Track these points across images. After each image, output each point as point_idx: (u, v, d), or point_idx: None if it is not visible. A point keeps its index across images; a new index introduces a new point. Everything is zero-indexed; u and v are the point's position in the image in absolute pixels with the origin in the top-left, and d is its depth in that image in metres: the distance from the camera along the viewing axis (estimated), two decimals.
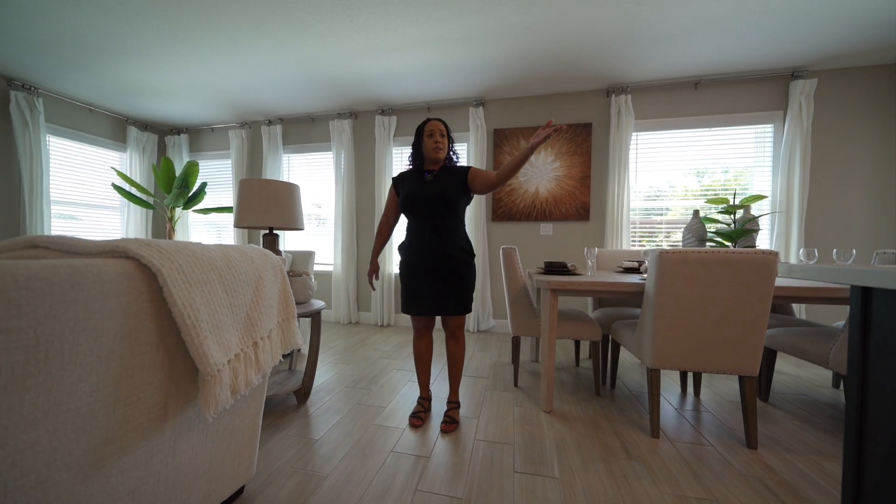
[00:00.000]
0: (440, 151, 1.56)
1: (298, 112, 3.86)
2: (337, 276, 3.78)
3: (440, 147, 1.56)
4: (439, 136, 1.57)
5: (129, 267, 0.69)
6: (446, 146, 1.59)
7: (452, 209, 1.54)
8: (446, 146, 1.59)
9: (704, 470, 1.30)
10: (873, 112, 2.75)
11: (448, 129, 1.62)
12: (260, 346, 0.92)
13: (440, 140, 1.56)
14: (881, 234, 2.76)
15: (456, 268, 1.53)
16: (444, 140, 1.58)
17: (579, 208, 3.23)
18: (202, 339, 0.75)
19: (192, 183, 3.78)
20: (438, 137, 1.57)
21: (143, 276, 0.71)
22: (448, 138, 1.61)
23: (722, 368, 1.47)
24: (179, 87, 3.34)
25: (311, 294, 1.89)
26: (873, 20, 2.28)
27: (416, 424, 1.58)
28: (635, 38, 2.49)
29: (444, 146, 1.57)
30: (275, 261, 1.02)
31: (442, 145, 1.57)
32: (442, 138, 1.57)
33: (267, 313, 0.96)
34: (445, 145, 1.58)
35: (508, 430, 1.56)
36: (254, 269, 0.93)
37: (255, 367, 0.90)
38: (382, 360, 2.56)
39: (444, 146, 1.57)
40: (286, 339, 1.02)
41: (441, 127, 1.58)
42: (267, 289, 0.97)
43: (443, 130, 1.58)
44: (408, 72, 2.98)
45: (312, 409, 1.74)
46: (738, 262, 1.38)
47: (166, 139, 4.33)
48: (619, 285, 1.60)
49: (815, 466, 1.33)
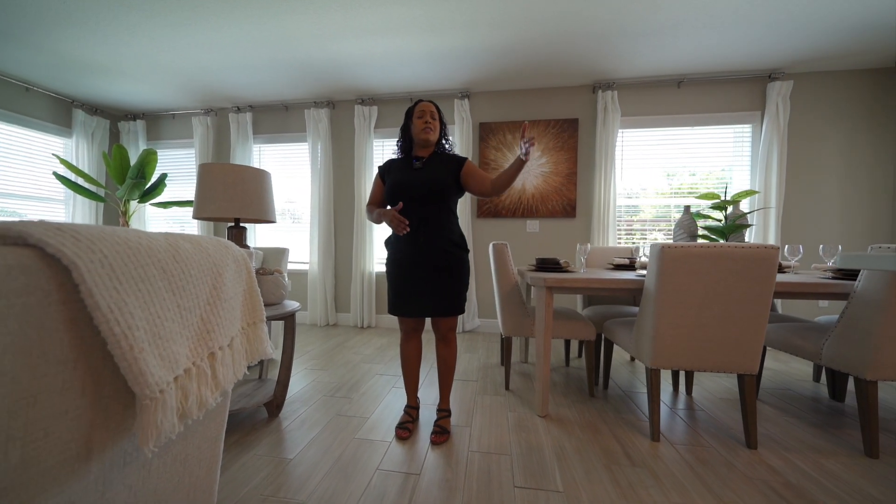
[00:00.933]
0: (430, 133, 1.43)
1: (270, 99, 3.60)
2: (313, 276, 3.56)
3: (430, 128, 1.43)
4: (430, 117, 1.43)
5: (30, 258, 0.52)
6: (438, 129, 1.46)
7: (443, 199, 1.40)
8: (438, 129, 1.46)
9: (710, 474, 1.24)
10: (844, 115, 2.86)
11: (441, 114, 1.48)
12: (218, 358, 0.76)
13: (431, 122, 1.43)
14: (850, 231, 2.88)
15: (448, 265, 1.40)
16: (434, 122, 1.44)
17: (566, 205, 3.18)
18: (137, 353, 0.58)
19: (149, 173, 3.44)
20: (429, 118, 1.43)
21: (51, 271, 0.53)
22: (440, 122, 1.48)
23: (723, 367, 1.43)
24: (133, 65, 3.01)
25: (285, 294, 1.71)
26: (846, 26, 2.35)
27: (404, 436, 1.43)
28: (625, 31, 2.45)
29: (434, 128, 1.44)
30: (238, 254, 0.85)
31: (433, 127, 1.43)
32: (433, 120, 1.44)
33: (227, 317, 0.79)
34: (437, 128, 1.45)
35: (504, 439, 1.45)
36: (210, 263, 0.76)
37: (211, 383, 0.73)
38: (363, 364, 2.40)
39: (434, 128, 1.44)
40: (252, 347, 0.86)
41: (432, 108, 1.45)
42: (227, 287, 0.80)
43: (434, 112, 1.45)
44: (390, 57, 2.81)
45: (286, 423, 1.56)
46: (741, 257, 1.34)
47: (120, 125, 3.92)
48: (618, 282, 1.53)
49: (815, 465, 1.30)
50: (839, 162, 2.87)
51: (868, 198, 2.85)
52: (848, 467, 1.29)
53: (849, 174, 2.87)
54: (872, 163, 2.84)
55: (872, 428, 1.35)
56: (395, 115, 3.49)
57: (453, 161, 1.47)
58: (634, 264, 2.10)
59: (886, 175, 2.83)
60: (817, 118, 2.89)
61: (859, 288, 1.38)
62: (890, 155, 2.82)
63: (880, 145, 2.83)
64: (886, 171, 2.83)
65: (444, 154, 1.49)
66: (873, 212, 2.85)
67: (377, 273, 3.56)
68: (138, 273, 0.64)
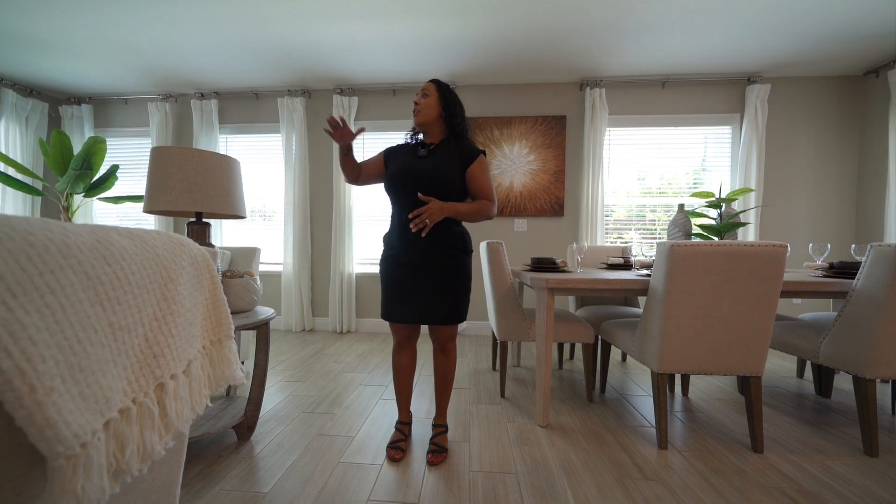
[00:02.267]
0: (417, 115, 1.27)
1: (239, 85, 3.30)
2: (288, 278, 3.30)
3: (418, 110, 1.27)
4: (420, 96, 1.28)
5: None
6: (431, 107, 1.26)
7: (446, 194, 1.25)
8: (431, 107, 1.26)
9: (724, 484, 1.18)
10: (816, 119, 2.98)
11: (445, 92, 1.28)
12: (169, 390, 0.58)
13: (419, 101, 1.27)
14: (821, 229, 3.00)
15: (449, 267, 1.25)
16: (425, 100, 1.27)
17: (553, 203, 3.13)
18: (42, 396, 0.40)
19: (96, 164, 3.05)
20: (418, 98, 1.28)
21: None
22: (443, 102, 1.28)
23: (730, 369, 1.38)
24: (78, 41, 2.64)
25: (257, 300, 1.50)
26: (818, 32, 2.43)
27: (397, 458, 1.28)
28: (614, 27, 2.41)
29: (424, 108, 1.26)
30: (197, 253, 0.67)
31: (420, 106, 1.26)
32: (423, 98, 1.27)
33: (183, 335, 0.61)
34: (431, 107, 1.26)
35: (506, 454, 1.33)
36: (159, 266, 0.59)
37: (159, 425, 0.56)
38: (345, 373, 2.21)
39: (424, 108, 1.26)
40: (217, 371, 0.68)
41: (427, 86, 1.28)
42: (183, 297, 0.62)
43: (426, 89, 1.28)
44: (373, 44, 2.63)
45: (259, 448, 1.36)
46: (750, 255, 1.29)
47: (61, 109, 3.48)
48: (622, 282, 1.45)
49: (822, 468, 1.27)
50: (810, 163, 2.99)
51: (835, 198, 2.99)
52: (853, 468, 1.27)
53: (819, 176, 2.99)
54: (839, 165, 2.98)
55: (872, 427, 1.35)
56: (377, 107, 3.30)
57: (465, 152, 1.29)
58: (630, 264, 2.05)
59: (851, 177, 2.97)
60: (792, 121, 2.99)
61: (858, 286, 1.37)
62: (854, 158, 2.97)
63: (847, 149, 2.97)
64: (851, 174, 2.97)
65: (457, 143, 1.30)
66: (839, 211, 2.99)
67: (357, 274, 3.36)
68: (46, 281, 0.45)
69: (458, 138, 1.31)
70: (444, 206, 1.21)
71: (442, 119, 1.29)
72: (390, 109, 3.29)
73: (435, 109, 1.28)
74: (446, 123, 1.30)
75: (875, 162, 2.84)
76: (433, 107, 1.27)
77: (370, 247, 3.39)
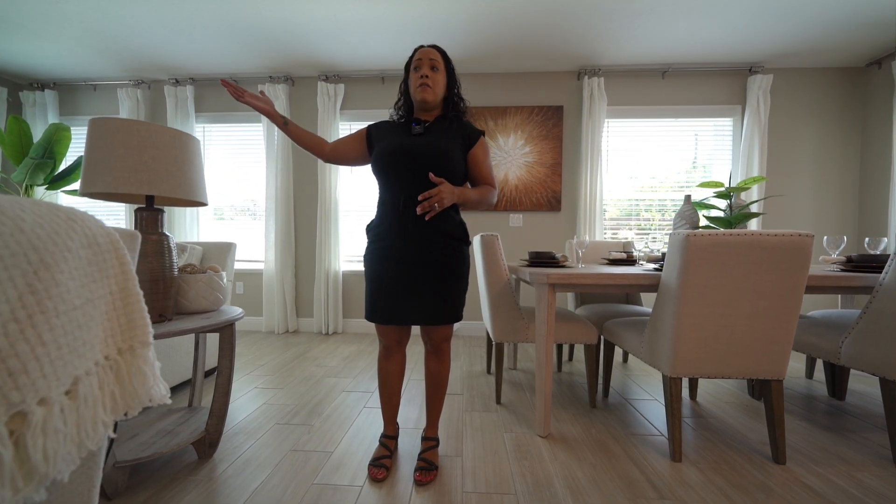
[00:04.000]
0: (427, 91, 1.08)
1: (216, 71, 3.10)
2: (269, 277, 3.11)
3: (427, 85, 1.07)
4: (429, 67, 1.08)
5: None
6: (441, 85, 1.10)
7: (450, 174, 1.07)
8: (441, 85, 1.10)
9: (749, 502, 1.04)
10: (818, 111, 2.90)
11: (448, 63, 1.12)
12: (33, 421, 0.41)
13: (430, 75, 1.07)
14: (822, 221, 2.92)
15: (445, 260, 1.09)
16: (436, 75, 1.09)
17: (550, 198, 2.99)
18: None
19: (59, 153, 2.83)
20: (427, 70, 1.08)
21: None
22: (448, 75, 1.12)
23: (749, 372, 1.26)
24: (40, 20, 2.42)
25: (223, 298, 1.33)
26: (822, 20, 2.34)
27: (380, 477, 1.12)
28: (612, 10, 2.28)
29: (435, 83, 1.08)
30: (98, 233, 0.51)
31: (431, 82, 1.08)
32: (433, 72, 1.09)
33: (63, 342, 0.44)
34: (440, 83, 1.10)
35: (504, 471, 1.18)
36: (22, 245, 0.42)
37: (15, 474, 0.39)
38: (328, 378, 2.04)
39: (435, 83, 1.08)
40: (126, 390, 0.51)
41: (434, 55, 1.09)
42: (65, 290, 0.45)
43: (436, 61, 1.09)
44: (360, 25, 2.46)
45: (223, 468, 1.19)
46: (773, 246, 1.16)
47: (22, 95, 3.23)
48: (630, 277, 1.31)
49: (852, 481, 1.15)
50: (813, 156, 2.91)
51: (837, 190, 2.91)
52: (885, 480, 1.15)
53: (821, 168, 2.91)
54: (842, 157, 2.90)
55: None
56: (365, 96, 3.13)
57: (465, 130, 1.14)
58: (633, 259, 1.92)
59: (853, 169, 2.90)
60: (794, 113, 2.91)
61: (886, 280, 1.25)
62: (856, 150, 2.90)
63: (849, 141, 2.89)
64: (853, 166, 2.90)
65: (455, 119, 1.14)
66: (841, 203, 2.92)
67: (344, 272, 3.18)
68: None
69: (454, 114, 1.15)
70: (454, 190, 1.05)
71: (446, 96, 1.14)
72: (379, 98, 3.12)
73: (444, 86, 1.12)
74: (449, 101, 1.15)
75: (878, 153, 2.76)
76: (443, 83, 1.11)
77: (358, 243, 3.22)
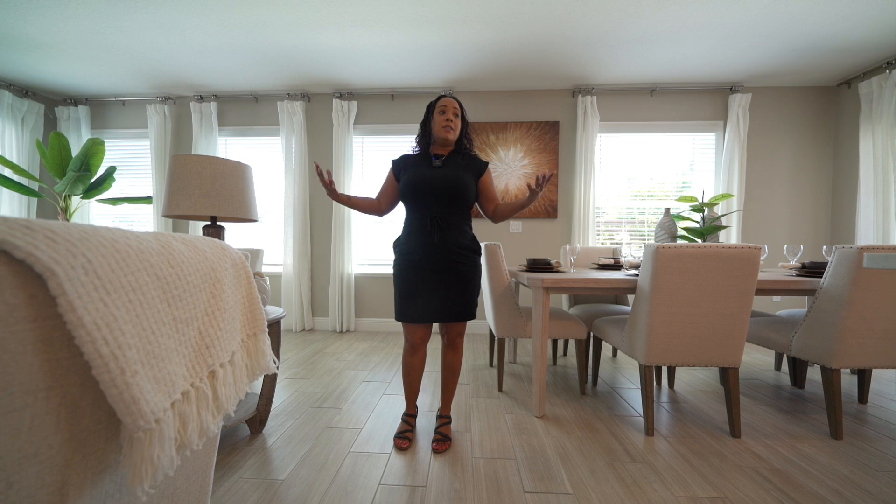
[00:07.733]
0: (451, 132, 1.38)
1: (238, 89, 3.35)
2: (288, 279, 3.35)
3: (451, 127, 1.38)
4: (452, 114, 1.38)
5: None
6: (459, 128, 1.41)
7: (462, 200, 1.37)
8: (459, 128, 1.41)
9: (705, 466, 1.29)
10: (793, 128, 3.15)
11: (463, 111, 1.44)
12: (219, 377, 0.66)
13: (453, 119, 1.38)
14: (798, 231, 3.17)
15: (462, 267, 1.36)
16: (457, 120, 1.39)
17: (548, 206, 3.24)
18: (129, 377, 0.48)
19: (95, 166, 3.07)
20: (451, 116, 1.38)
21: (17, 280, 0.43)
22: (463, 120, 1.43)
23: (710, 361, 1.50)
24: (76, 43, 2.66)
25: (267, 299, 1.57)
26: (795, 45, 2.58)
27: (404, 447, 1.37)
28: (606, 38, 2.53)
29: (456, 126, 1.39)
30: (236, 257, 0.75)
31: (454, 125, 1.38)
32: (455, 118, 1.39)
33: (227, 329, 0.69)
34: (458, 126, 1.40)
35: (506, 443, 1.43)
36: (208, 268, 0.66)
37: (212, 406, 0.63)
38: (347, 371, 2.28)
39: (456, 126, 1.39)
40: (254, 362, 0.76)
41: (455, 105, 1.40)
42: (227, 295, 0.70)
43: (457, 109, 1.40)
44: (373, 51, 2.71)
45: (272, 440, 1.43)
46: (728, 256, 1.41)
47: (57, 110, 3.47)
48: (612, 282, 1.56)
49: (792, 450, 1.39)
50: (788, 168, 3.16)
51: (811, 201, 3.16)
52: (820, 449, 1.40)
53: (796, 181, 3.16)
54: (815, 170, 3.15)
55: (837, 413, 1.48)
56: (376, 111, 3.38)
57: (475, 163, 1.44)
58: (620, 264, 2.17)
59: (826, 181, 3.15)
60: (771, 128, 3.16)
61: (825, 284, 1.50)
62: (829, 163, 3.14)
63: (822, 155, 3.14)
64: (826, 179, 3.15)
65: (465, 154, 1.45)
66: (814, 215, 3.16)
67: (357, 275, 3.42)
68: (129, 281, 0.54)
69: (464, 150, 1.45)
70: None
71: (459, 136, 1.44)
72: (389, 114, 3.36)
73: (460, 127, 1.43)
74: (461, 140, 1.45)
75: (847, 167, 3.01)
76: (459, 126, 1.42)
77: (369, 248, 3.46)
